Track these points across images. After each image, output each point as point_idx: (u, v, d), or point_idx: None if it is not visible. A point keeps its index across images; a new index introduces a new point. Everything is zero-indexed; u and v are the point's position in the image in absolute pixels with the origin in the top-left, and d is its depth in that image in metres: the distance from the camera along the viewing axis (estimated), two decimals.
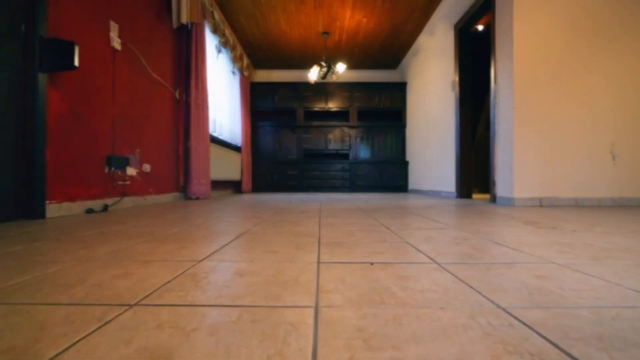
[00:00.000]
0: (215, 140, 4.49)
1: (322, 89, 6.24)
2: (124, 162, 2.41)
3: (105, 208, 2.14)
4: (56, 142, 1.82)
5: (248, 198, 3.88)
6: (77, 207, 1.94)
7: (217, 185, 4.65)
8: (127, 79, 2.49)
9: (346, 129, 6.29)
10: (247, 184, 5.59)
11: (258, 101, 6.24)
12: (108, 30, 2.27)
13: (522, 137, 2.71)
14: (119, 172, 2.36)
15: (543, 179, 2.70)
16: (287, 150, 6.25)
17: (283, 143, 6.26)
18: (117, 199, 2.33)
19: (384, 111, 6.36)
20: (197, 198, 3.44)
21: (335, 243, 1.05)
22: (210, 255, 0.88)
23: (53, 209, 1.77)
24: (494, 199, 2.97)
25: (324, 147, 6.28)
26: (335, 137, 6.29)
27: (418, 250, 0.95)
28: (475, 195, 4.38)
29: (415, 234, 1.23)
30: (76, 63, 1.72)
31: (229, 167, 4.88)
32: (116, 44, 2.33)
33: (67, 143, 1.90)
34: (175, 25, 3.13)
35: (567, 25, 2.72)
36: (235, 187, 5.55)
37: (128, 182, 2.47)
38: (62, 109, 1.86)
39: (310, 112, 6.41)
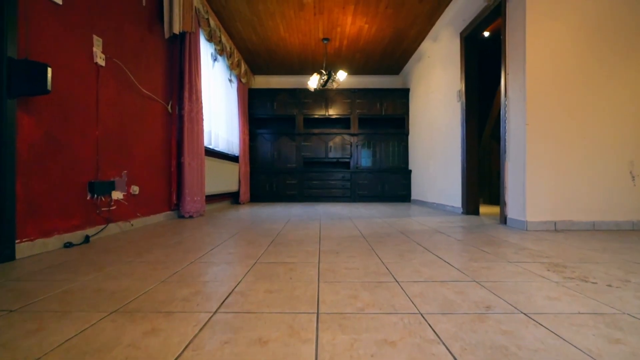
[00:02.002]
0: (211, 153, 4.32)
1: (323, 95, 6.06)
2: (109, 187, 2.24)
3: (87, 239, 1.97)
4: (28, 173, 1.65)
5: (245, 213, 3.70)
6: (53, 242, 1.77)
7: (214, 198, 4.48)
8: (113, 97, 2.32)
9: (347, 137, 6.11)
10: (244, 194, 5.42)
11: (256, 108, 6.06)
12: (91, 45, 2.10)
13: (535, 155, 2.53)
14: (103, 198, 2.19)
15: (557, 200, 2.53)
16: (286, 159, 6.07)
17: (282, 151, 6.08)
18: (100, 227, 2.16)
19: (386, 118, 6.18)
20: (190, 216, 3.27)
21: (338, 317, 0.89)
22: (182, 352, 0.72)
23: (24, 248, 1.60)
24: (504, 220, 2.80)
25: (324, 155, 6.10)
26: (336, 145, 6.11)
27: (438, 338, 0.78)
28: (481, 208, 4.20)
29: (428, 295, 1.06)
30: (49, 87, 1.55)
31: (226, 179, 4.71)
32: (100, 59, 2.16)
33: (41, 172, 1.73)
34: (167, 35, 2.96)
35: (582, 38, 2.54)
36: (232, 198, 5.38)
37: (114, 207, 2.30)
38: (35, 135, 1.69)
39: (310, 119, 6.23)
